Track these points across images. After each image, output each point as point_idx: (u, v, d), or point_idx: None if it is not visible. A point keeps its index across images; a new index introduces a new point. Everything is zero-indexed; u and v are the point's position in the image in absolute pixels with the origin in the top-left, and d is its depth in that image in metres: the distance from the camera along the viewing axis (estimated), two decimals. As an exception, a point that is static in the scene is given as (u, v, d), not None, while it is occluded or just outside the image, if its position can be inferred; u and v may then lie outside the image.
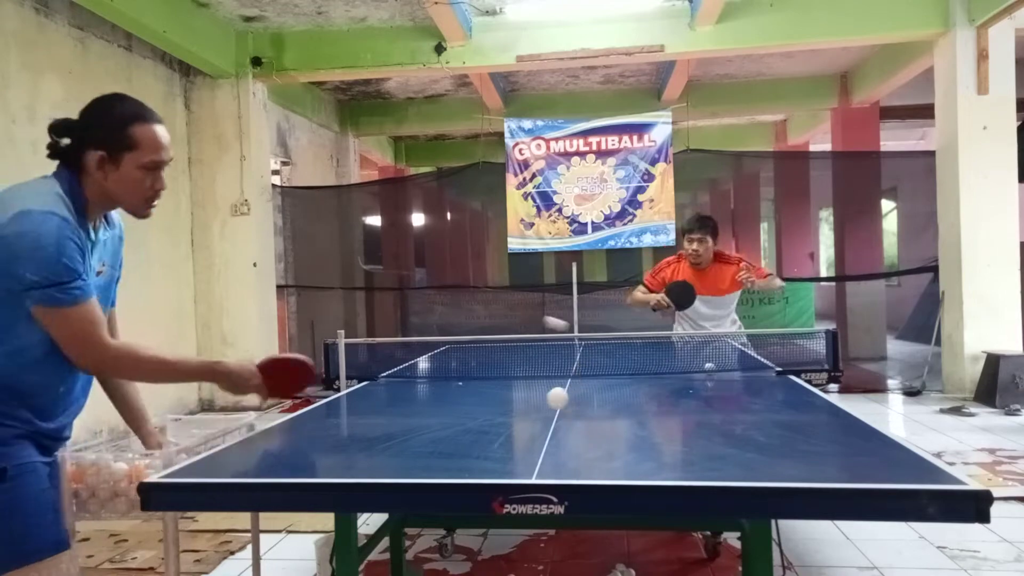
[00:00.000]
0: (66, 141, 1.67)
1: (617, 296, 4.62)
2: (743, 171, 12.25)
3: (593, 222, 7.79)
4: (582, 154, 7.77)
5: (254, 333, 6.98)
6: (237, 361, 1.89)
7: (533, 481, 1.50)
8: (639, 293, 4.36)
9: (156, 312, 6.27)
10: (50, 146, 1.68)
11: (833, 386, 3.15)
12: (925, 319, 8.18)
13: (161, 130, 1.71)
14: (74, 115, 1.70)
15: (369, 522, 3.19)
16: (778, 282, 4.45)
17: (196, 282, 7.01)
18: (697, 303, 4.16)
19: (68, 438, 1.78)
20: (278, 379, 1.94)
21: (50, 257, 1.52)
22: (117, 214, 1.83)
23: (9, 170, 4.60)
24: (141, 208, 1.74)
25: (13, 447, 1.57)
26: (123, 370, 1.71)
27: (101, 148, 1.65)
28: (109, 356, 1.64)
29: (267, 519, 3.12)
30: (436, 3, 5.91)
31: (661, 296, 4.12)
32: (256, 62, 6.94)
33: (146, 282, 6.10)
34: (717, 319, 4.28)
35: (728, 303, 4.30)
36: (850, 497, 1.40)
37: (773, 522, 1.96)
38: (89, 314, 1.59)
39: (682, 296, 4.09)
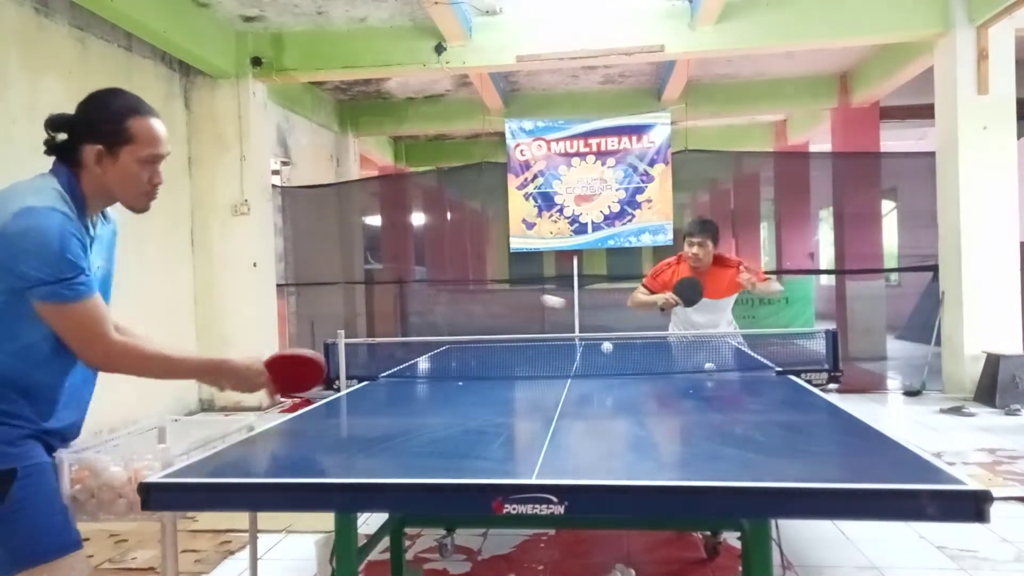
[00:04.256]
0: (62, 137, 1.66)
1: (617, 297, 4.60)
2: (743, 171, 12.25)
3: (593, 222, 7.81)
4: (582, 155, 7.79)
5: (254, 333, 6.99)
6: (244, 357, 1.87)
7: (533, 481, 1.49)
8: (641, 296, 4.30)
9: (156, 312, 6.27)
10: (47, 142, 1.67)
11: (833, 386, 3.14)
12: (925, 319, 8.17)
13: (158, 123, 1.71)
14: None
15: (369, 522, 3.19)
16: (777, 286, 4.37)
17: (196, 282, 7.01)
18: (693, 308, 4.13)
19: (75, 438, 1.77)
20: (286, 376, 1.92)
21: (54, 253, 1.52)
22: (113, 210, 1.82)
23: (9, 170, 4.59)
24: (139, 202, 1.74)
25: (23, 447, 1.57)
26: (128, 367, 1.69)
27: (99, 142, 1.64)
28: (115, 352, 1.63)
29: (267, 519, 3.12)
30: (436, 3, 5.91)
31: (669, 295, 4.06)
32: (256, 62, 6.94)
33: (146, 282, 6.10)
34: (713, 324, 4.22)
35: (724, 307, 4.26)
36: (850, 497, 1.40)
37: (773, 522, 1.96)
38: (93, 310, 1.59)
39: (691, 292, 4.03)
